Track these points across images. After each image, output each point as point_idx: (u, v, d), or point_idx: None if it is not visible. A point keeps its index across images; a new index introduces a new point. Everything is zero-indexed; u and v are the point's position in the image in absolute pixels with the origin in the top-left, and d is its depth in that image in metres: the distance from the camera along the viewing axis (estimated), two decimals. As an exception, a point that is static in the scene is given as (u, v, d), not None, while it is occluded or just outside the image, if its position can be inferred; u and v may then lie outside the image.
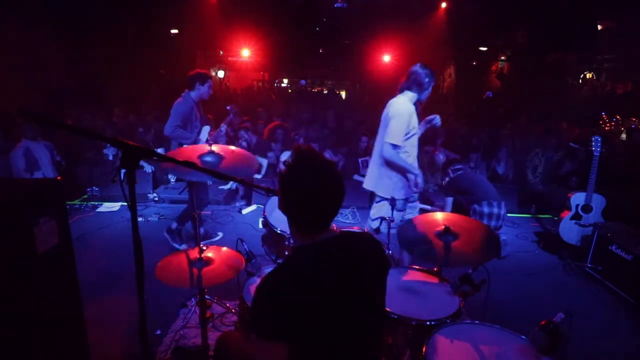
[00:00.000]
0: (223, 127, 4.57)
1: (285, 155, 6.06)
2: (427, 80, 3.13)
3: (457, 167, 4.76)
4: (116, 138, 1.25)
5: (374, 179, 3.27)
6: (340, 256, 1.33)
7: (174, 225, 4.31)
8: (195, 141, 4.04)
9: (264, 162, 6.27)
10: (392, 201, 2.88)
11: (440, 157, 5.92)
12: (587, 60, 11.63)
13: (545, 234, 5.14)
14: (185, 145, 3.83)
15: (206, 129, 4.23)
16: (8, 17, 7.19)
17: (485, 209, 4.28)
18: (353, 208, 5.57)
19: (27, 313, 1.66)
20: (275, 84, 20.19)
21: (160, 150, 6.32)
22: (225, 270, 2.23)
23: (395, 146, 3.05)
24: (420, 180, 3.09)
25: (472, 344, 1.82)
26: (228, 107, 4.77)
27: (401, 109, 3.08)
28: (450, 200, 4.68)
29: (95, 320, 2.27)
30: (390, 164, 3.13)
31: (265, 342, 1.21)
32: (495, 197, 4.37)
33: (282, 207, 1.35)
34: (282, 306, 1.19)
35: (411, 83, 3.14)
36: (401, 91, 3.20)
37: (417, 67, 3.13)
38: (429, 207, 5.35)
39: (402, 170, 3.12)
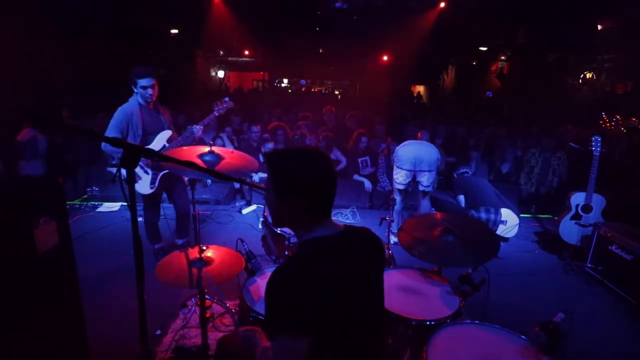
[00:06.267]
0: (195, 129, 3.57)
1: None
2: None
3: (462, 170, 5.19)
4: (116, 138, 1.25)
5: None
6: (350, 248, 1.36)
7: (157, 246, 3.96)
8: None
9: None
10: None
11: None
12: (587, 60, 11.63)
13: (545, 234, 5.14)
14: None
15: (165, 135, 3.54)
16: (8, 16, 7.19)
17: (483, 215, 4.50)
18: (353, 208, 5.57)
19: (28, 313, 1.66)
20: (275, 84, 20.20)
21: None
22: (225, 270, 2.23)
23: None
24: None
25: (472, 344, 1.82)
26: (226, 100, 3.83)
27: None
28: (461, 197, 4.95)
29: (95, 320, 2.26)
30: None
31: (283, 340, 1.19)
32: (494, 204, 4.55)
33: (286, 201, 1.31)
34: (298, 299, 1.18)
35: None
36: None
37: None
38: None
39: None
